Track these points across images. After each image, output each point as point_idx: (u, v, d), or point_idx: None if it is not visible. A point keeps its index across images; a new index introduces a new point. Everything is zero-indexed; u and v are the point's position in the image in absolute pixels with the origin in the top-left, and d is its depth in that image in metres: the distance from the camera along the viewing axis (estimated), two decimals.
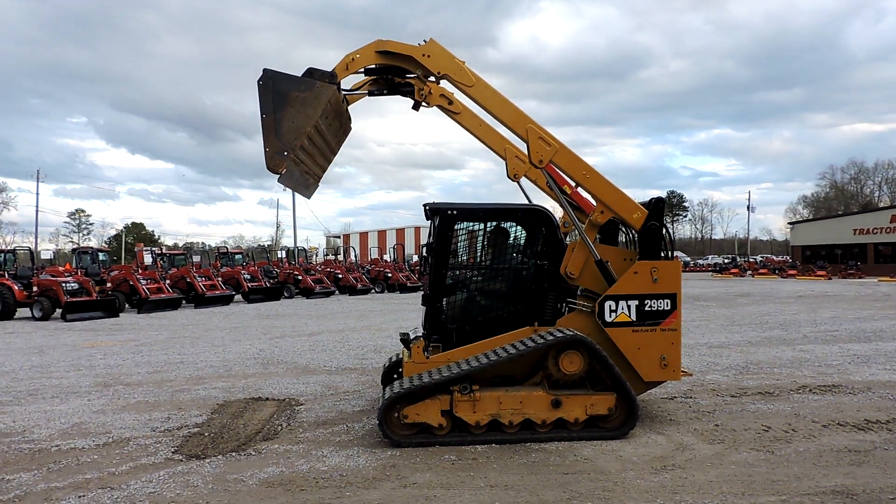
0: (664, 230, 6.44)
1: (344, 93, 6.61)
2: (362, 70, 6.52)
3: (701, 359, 10.59)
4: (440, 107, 6.52)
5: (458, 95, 6.52)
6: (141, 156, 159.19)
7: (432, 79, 6.46)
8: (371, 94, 6.71)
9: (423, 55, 6.27)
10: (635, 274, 6.31)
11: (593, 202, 6.63)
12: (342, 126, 6.92)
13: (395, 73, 6.56)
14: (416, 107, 6.65)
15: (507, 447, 5.85)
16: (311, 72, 6.25)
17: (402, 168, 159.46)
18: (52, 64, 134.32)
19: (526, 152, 6.41)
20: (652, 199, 6.47)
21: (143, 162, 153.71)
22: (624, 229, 6.98)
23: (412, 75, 6.52)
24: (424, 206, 6.72)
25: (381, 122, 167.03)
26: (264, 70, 5.99)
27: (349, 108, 6.83)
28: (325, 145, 6.68)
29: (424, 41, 6.34)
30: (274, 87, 5.96)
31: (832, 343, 12.23)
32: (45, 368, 10.64)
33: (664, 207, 6.55)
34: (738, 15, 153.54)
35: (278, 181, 6.03)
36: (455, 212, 6.59)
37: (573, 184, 6.79)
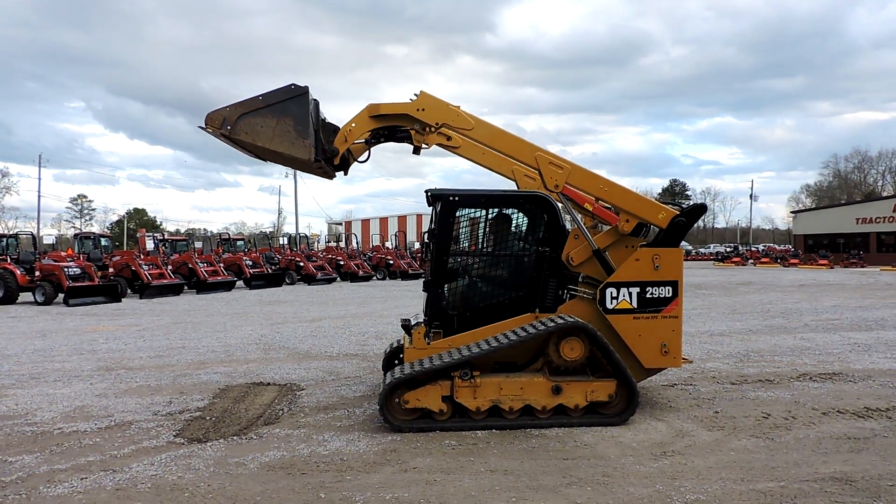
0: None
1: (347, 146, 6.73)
2: (362, 140, 6.61)
3: (702, 346, 10.60)
4: (440, 144, 6.54)
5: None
6: (140, 141, 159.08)
7: (431, 128, 6.43)
8: (368, 143, 6.74)
9: (418, 110, 6.31)
10: (637, 261, 6.30)
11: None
12: (312, 173, 7.05)
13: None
14: (416, 151, 6.65)
15: (507, 433, 5.87)
16: (334, 129, 6.42)
17: (402, 155, 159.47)
18: (48, 47, 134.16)
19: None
20: (695, 204, 6.59)
21: (142, 147, 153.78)
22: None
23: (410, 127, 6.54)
24: (426, 192, 6.71)
25: None
26: (307, 88, 6.07)
27: (357, 160, 6.95)
28: (279, 161, 6.92)
29: (416, 95, 6.35)
30: (290, 101, 6.02)
31: (833, 331, 12.23)
32: (47, 352, 10.68)
33: (701, 215, 6.67)
34: (740, 1, 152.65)
35: (200, 126, 6.15)
36: (457, 198, 6.57)
37: (593, 199, 6.73)
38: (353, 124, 6.41)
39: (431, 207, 6.83)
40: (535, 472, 4.90)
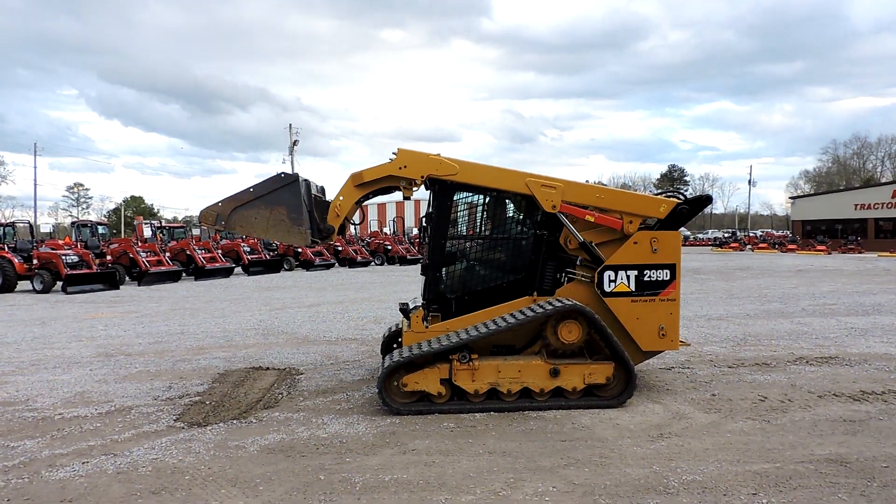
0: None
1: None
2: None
3: (699, 330, 10.65)
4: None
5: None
6: (134, 128, 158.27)
7: (415, 182, 6.47)
8: (359, 203, 6.80)
9: (400, 168, 6.31)
10: (635, 244, 6.31)
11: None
12: None
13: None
14: (406, 197, 6.70)
15: (505, 415, 5.91)
16: (326, 206, 6.43)
17: (399, 141, 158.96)
18: (38, 35, 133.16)
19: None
20: (700, 194, 6.63)
21: (136, 134, 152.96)
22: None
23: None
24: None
25: (375, 93, 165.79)
26: (297, 175, 6.14)
27: (351, 222, 6.95)
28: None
29: (394, 154, 6.39)
30: (281, 190, 6.05)
31: (830, 316, 12.28)
32: (46, 339, 10.70)
33: (705, 206, 6.74)
34: None
35: (195, 224, 6.32)
36: (454, 182, 6.56)
37: (593, 210, 6.71)
38: (341, 197, 6.49)
39: (429, 191, 6.82)
40: (533, 454, 4.94)
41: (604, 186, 6.56)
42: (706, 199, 6.67)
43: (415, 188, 6.53)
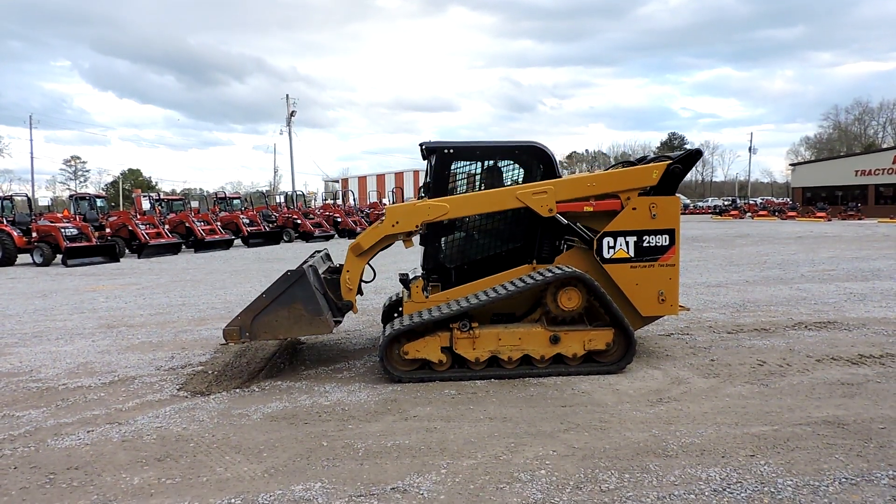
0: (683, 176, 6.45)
1: None
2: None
3: (699, 297, 10.68)
4: None
5: None
6: (129, 100, 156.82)
7: (412, 233, 6.49)
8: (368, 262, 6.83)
9: (394, 225, 6.32)
10: (634, 210, 6.29)
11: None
12: None
13: None
14: (407, 245, 6.68)
15: (506, 382, 5.95)
16: (337, 283, 6.51)
17: (396, 111, 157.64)
18: (29, 5, 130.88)
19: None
20: (689, 150, 6.54)
21: (132, 106, 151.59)
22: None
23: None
24: (421, 145, 6.65)
25: (372, 62, 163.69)
26: (303, 269, 6.11)
27: (364, 281, 6.96)
28: None
29: (384, 215, 6.41)
30: (292, 288, 6.03)
31: (829, 282, 12.30)
32: (48, 312, 10.74)
33: (697, 160, 6.63)
34: None
35: (221, 343, 6.49)
36: (452, 150, 6.52)
37: (590, 201, 6.63)
38: (348, 271, 6.53)
39: (426, 160, 6.77)
40: (533, 419, 4.99)
41: (592, 173, 6.52)
42: (696, 154, 6.55)
43: (414, 236, 6.60)
